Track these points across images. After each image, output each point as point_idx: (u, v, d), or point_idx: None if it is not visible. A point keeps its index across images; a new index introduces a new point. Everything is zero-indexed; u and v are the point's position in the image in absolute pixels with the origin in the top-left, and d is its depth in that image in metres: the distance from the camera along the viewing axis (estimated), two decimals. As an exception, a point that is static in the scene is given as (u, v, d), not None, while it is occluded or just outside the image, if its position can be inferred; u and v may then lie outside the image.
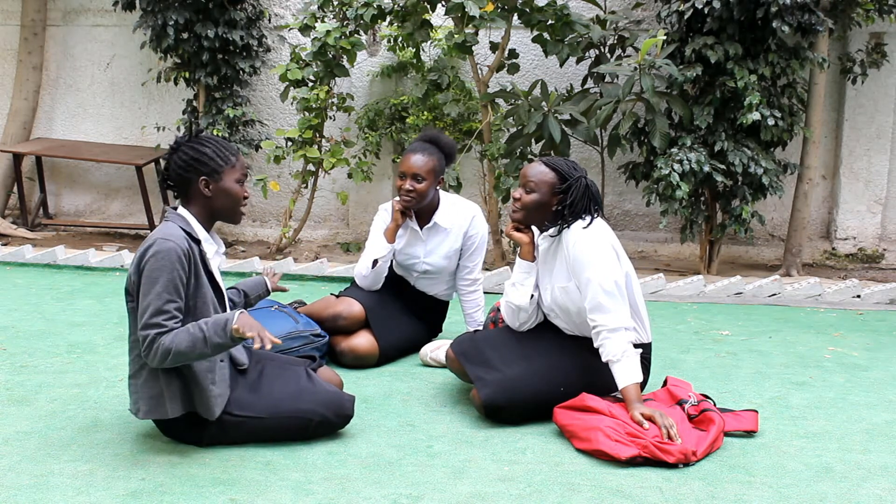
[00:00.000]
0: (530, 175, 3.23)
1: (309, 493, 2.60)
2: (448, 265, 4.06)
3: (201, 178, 2.87)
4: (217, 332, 2.68)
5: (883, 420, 3.31)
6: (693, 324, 4.82)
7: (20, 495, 2.55)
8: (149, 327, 2.69)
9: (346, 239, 7.22)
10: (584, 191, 3.18)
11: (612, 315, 3.07)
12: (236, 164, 2.93)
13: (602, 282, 3.08)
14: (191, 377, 2.81)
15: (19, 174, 7.27)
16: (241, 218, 3.00)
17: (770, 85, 5.91)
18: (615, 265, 3.14)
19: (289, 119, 7.22)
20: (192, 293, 2.79)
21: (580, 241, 3.14)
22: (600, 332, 3.09)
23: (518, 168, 5.97)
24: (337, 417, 3.00)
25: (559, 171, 3.21)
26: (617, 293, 3.09)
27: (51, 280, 5.63)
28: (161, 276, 2.70)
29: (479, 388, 3.20)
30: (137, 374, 2.85)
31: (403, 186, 3.89)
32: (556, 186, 3.20)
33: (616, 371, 3.04)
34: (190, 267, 2.77)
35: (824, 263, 6.81)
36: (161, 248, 2.72)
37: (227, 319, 2.69)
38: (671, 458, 2.80)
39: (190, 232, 2.84)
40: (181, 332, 2.68)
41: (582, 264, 3.12)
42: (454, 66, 6.83)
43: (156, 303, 2.69)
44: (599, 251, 3.12)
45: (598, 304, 3.08)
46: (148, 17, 6.58)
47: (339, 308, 3.94)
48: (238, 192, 2.93)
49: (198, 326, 2.69)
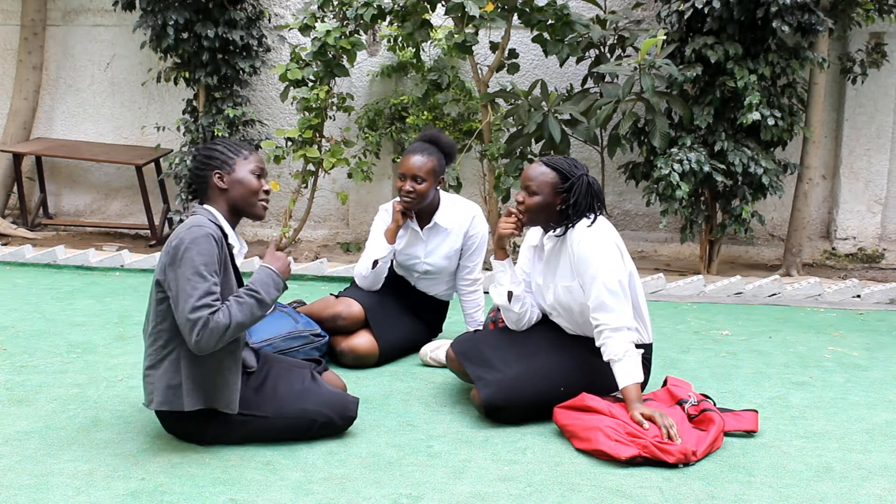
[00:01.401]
0: (531, 177, 3.22)
1: (309, 493, 2.60)
2: (448, 265, 4.06)
3: (215, 172, 2.94)
4: (267, 289, 2.83)
5: (883, 420, 3.31)
6: (693, 324, 4.82)
7: (20, 495, 2.55)
8: (199, 309, 2.70)
9: (346, 239, 7.22)
10: (587, 188, 3.18)
11: (616, 314, 3.07)
12: (249, 157, 2.99)
13: (606, 281, 3.08)
14: (216, 368, 2.81)
15: (19, 174, 7.27)
16: (262, 211, 3.02)
17: (770, 85, 5.91)
18: (620, 264, 3.14)
19: (289, 119, 7.22)
20: (221, 282, 2.82)
21: (585, 241, 3.14)
22: (603, 332, 3.09)
23: (518, 168, 5.97)
24: (341, 419, 3.01)
25: (560, 171, 3.21)
26: (620, 292, 3.09)
27: (51, 280, 5.63)
28: (202, 260, 2.73)
29: (480, 387, 3.20)
30: (157, 365, 2.84)
31: (404, 187, 3.89)
32: (559, 186, 3.19)
33: (617, 370, 3.04)
34: (221, 254, 2.81)
35: (824, 263, 6.81)
36: (198, 234, 2.76)
37: (268, 273, 2.85)
38: (671, 458, 2.80)
39: (218, 224, 2.89)
40: (232, 306, 2.75)
41: (586, 263, 3.12)
42: (454, 66, 6.83)
43: (202, 285, 2.71)
44: (604, 250, 3.13)
45: (601, 303, 3.09)
46: (148, 17, 6.58)
47: (339, 308, 3.94)
48: (253, 181, 2.97)
49: (246, 294, 2.79)
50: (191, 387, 2.81)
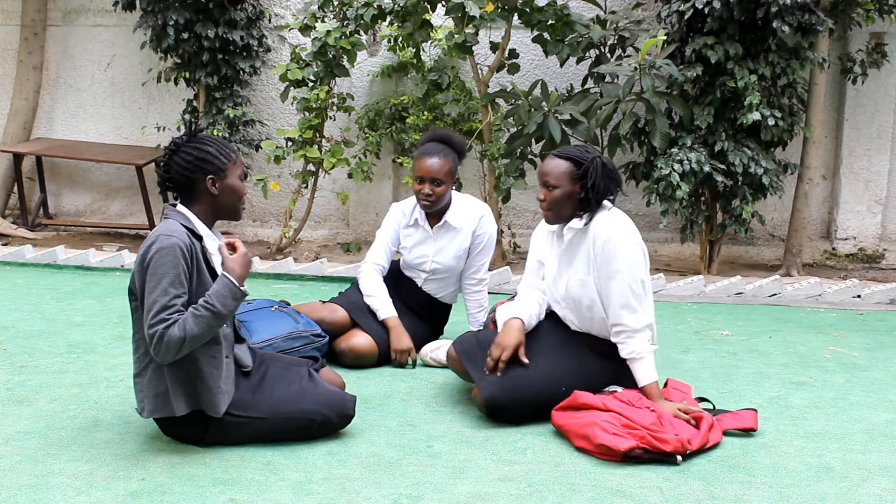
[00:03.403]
0: (547, 171, 3.23)
1: (309, 493, 2.60)
2: (457, 265, 4.06)
3: (208, 177, 2.89)
4: (224, 301, 2.74)
5: (883, 420, 3.31)
6: (693, 324, 4.82)
7: (20, 495, 2.55)
8: (155, 324, 2.70)
9: (347, 239, 7.22)
10: (602, 170, 3.18)
11: (638, 315, 3.12)
12: (237, 161, 2.98)
13: (631, 282, 3.11)
14: (196, 373, 2.81)
15: (19, 174, 7.27)
16: (241, 215, 3.03)
17: (770, 85, 5.91)
18: (643, 264, 3.17)
19: (289, 119, 7.22)
20: (195, 288, 2.80)
21: (610, 239, 3.14)
22: (623, 331, 3.13)
23: (518, 168, 5.98)
24: (339, 417, 3.01)
25: (573, 159, 3.21)
26: (643, 292, 3.14)
27: (51, 280, 5.63)
28: (166, 273, 2.71)
29: (481, 387, 3.20)
30: (142, 373, 2.85)
31: (423, 191, 3.89)
32: (575, 174, 3.20)
33: (637, 369, 3.11)
34: (192, 262, 2.79)
35: (824, 263, 6.81)
36: (164, 244, 2.73)
37: (225, 284, 2.75)
38: (668, 447, 2.83)
39: (191, 228, 2.85)
40: (188, 318, 2.71)
41: (609, 261, 3.13)
42: (454, 66, 6.83)
43: (162, 299, 2.70)
44: (629, 249, 3.14)
45: (625, 302, 3.12)
46: (148, 17, 6.59)
47: (323, 314, 3.95)
48: (242, 188, 2.98)
49: (202, 306, 2.72)
50: (176, 392, 2.81)
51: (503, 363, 3.17)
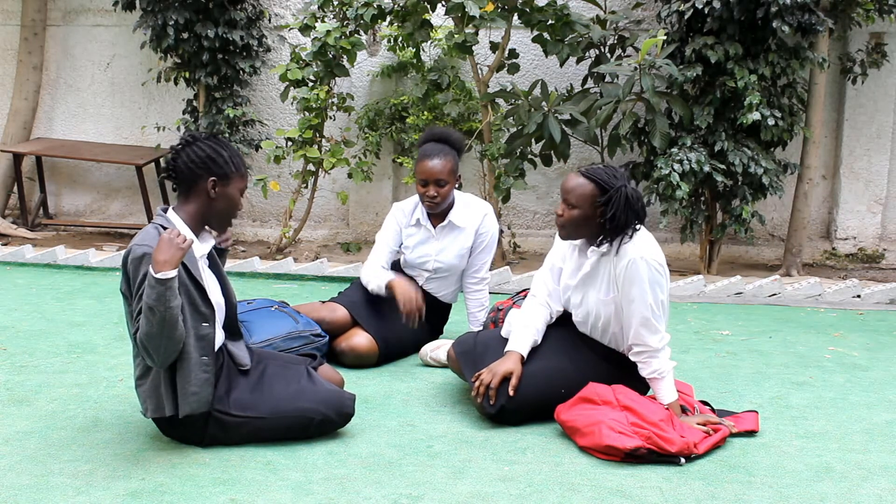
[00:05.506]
0: (570, 189, 3.12)
1: (309, 493, 2.60)
2: (459, 264, 4.06)
3: (211, 179, 2.88)
4: (148, 293, 2.65)
5: (883, 420, 3.31)
6: (693, 324, 4.82)
7: (20, 495, 2.55)
8: (134, 333, 2.76)
9: (347, 239, 7.22)
10: (626, 202, 3.02)
11: (660, 335, 3.11)
12: (244, 175, 2.98)
13: (653, 303, 3.07)
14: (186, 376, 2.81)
15: (19, 174, 7.27)
16: (227, 230, 3.07)
17: (770, 85, 5.91)
18: (666, 286, 3.12)
19: (289, 119, 7.22)
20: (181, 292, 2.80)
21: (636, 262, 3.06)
22: (644, 351, 3.12)
23: (518, 168, 5.98)
24: (338, 416, 3.01)
25: (599, 183, 3.08)
26: (662, 313, 3.11)
27: (51, 280, 5.63)
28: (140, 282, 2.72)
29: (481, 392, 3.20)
30: (144, 376, 2.87)
31: (427, 193, 3.89)
32: (598, 199, 3.07)
33: (660, 388, 3.10)
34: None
35: (824, 263, 6.81)
36: (137, 253, 2.74)
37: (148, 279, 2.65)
38: (673, 448, 2.83)
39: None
40: (141, 323, 2.70)
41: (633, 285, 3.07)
42: (454, 66, 6.83)
43: (136, 307, 2.74)
44: (653, 273, 3.08)
45: (647, 323, 3.09)
46: (148, 17, 6.58)
47: (323, 314, 3.95)
48: (238, 202, 2.98)
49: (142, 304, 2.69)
50: (167, 393, 2.82)
51: (493, 391, 3.13)
